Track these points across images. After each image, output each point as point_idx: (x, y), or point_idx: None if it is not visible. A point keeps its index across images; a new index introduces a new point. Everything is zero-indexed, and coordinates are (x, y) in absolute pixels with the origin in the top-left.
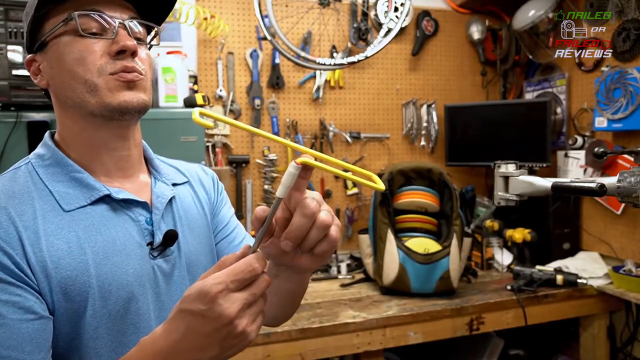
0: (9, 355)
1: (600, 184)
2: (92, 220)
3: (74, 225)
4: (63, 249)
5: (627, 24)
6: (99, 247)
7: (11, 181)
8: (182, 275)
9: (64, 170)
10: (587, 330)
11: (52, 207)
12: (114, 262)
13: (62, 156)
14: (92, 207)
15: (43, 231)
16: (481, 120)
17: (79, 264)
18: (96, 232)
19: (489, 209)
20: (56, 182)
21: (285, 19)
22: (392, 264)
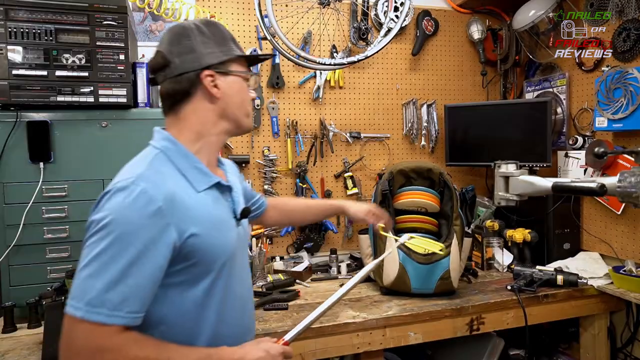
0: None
1: (600, 184)
2: (211, 199)
3: (204, 201)
4: (208, 219)
5: (627, 24)
6: (217, 219)
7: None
8: (244, 235)
9: (188, 161)
10: (587, 331)
11: (187, 187)
12: (227, 229)
13: (186, 150)
14: (209, 190)
15: (191, 205)
16: (481, 120)
17: (219, 231)
18: (214, 208)
19: (489, 209)
20: (186, 169)
21: (285, 19)
22: (392, 264)
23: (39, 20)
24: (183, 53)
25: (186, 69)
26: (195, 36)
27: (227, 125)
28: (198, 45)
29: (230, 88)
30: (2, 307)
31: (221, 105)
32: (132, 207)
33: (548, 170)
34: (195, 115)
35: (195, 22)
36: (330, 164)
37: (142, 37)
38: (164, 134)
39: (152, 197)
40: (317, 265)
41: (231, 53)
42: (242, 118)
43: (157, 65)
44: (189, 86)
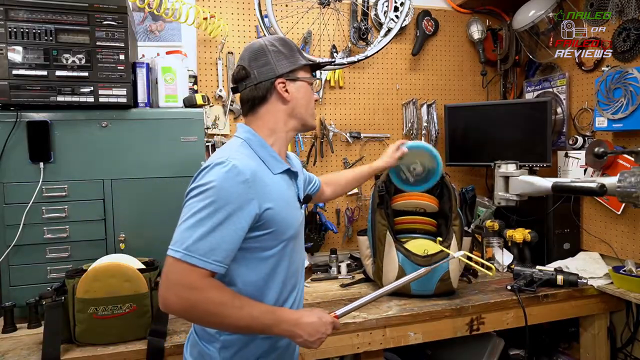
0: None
1: (600, 184)
2: (284, 182)
3: (278, 183)
4: (280, 197)
5: (627, 24)
6: (288, 199)
7: (248, 150)
8: (303, 220)
9: (265, 149)
10: (587, 330)
11: (265, 169)
12: (294, 209)
13: (264, 141)
14: (281, 174)
15: (268, 184)
16: (481, 120)
17: (288, 209)
18: (286, 190)
19: (489, 209)
20: (264, 156)
21: (285, 19)
22: (392, 266)
23: (39, 20)
24: (260, 66)
25: (263, 79)
26: (270, 52)
27: (295, 123)
28: (272, 58)
29: (298, 92)
30: (2, 307)
31: (291, 107)
32: (227, 176)
33: (548, 170)
34: (269, 114)
35: (268, 39)
36: (330, 164)
37: (142, 37)
38: (246, 128)
39: (241, 171)
40: (317, 265)
41: (298, 62)
42: (308, 117)
43: (240, 77)
44: (265, 92)
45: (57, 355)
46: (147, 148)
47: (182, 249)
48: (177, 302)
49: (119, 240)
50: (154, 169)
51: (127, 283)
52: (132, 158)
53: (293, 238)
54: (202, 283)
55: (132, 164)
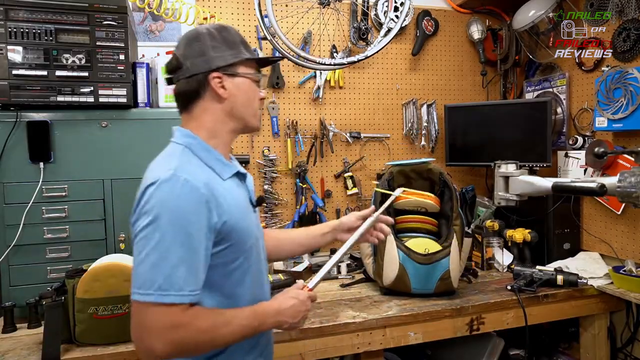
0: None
1: (600, 184)
2: (235, 186)
3: (230, 189)
4: (236, 205)
5: (627, 24)
6: (242, 205)
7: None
8: (259, 222)
9: (210, 154)
10: (587, 330)
11: (215, 177)
12: (249, 214)
13: (207, 145)
14: (231, 178)
15: (221, 193)
16: (481, 120)
17: (245, 216)
18: (238, 195)
19: (489, 209)
20: (210, 161)
21: (285, 19)
22: (392, 264)
23: (39, 20)
24: (194, 56)
25: (196, 71)
26: (206, 40)
27: (235, 124)
28: (208, 49)
29: (237, 89)
30: (2, 307)
31: (228, 105)
32: (180, 196)
33: (548, 170)
34: (206, 114)
35: (207, 27)
36: (330, 164)
37: (142, 37)
38: (184, 131)
39: (194, 185)
40: (317, 265)
41: (239, 56)
42: (250, 118)
43: (172, 67)
44: (198, 87)
45: (57, 355)
46: (147, 148)
47: (154, 290)
48: (165, 348)
49: (119, 240)
50: None
51: (127, 283)
52: (132, 158)
53: (254, 245)
54: (185, 318)
55: (132, 164)
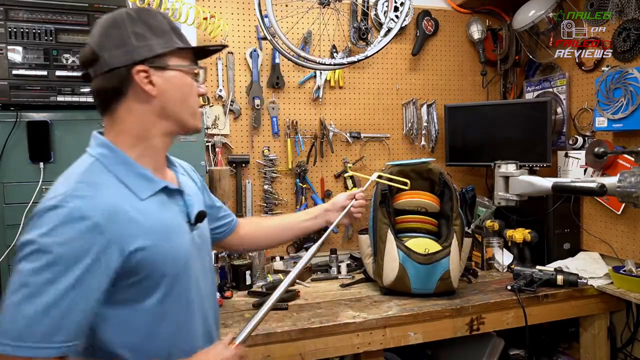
0: None
1: (600, 184)
2: (157, 206)
3: (150, 210)
4: (155, 229)
5: (627, 24)
6: (166, 227)
7: (101, 173)
8: (202, 241)
9: (129, 168)
10: (587, 330)
11: (130, 196)
12: (178, 236)
13: (126, 156)
14: (154, 196)
15: (134, 217)
16: (481, 120)
17: (170, 239)
18: (161, 215)
19: (489, 209)
20: (126, 177)
21: (285, 19)
22: (392, 264)
23: (39, 20)
24: (112, 47)
25: (116, 64)
26: (127, 27)
27: (168, 125)
28: (129, 37)
29: (168, 84)
30: None
31: (159, 104)
32: (64, 226)
33: (548, 170)
34: (131, 115)
35: (127, 11)
36: (330, 164)
37: None
38: (100, 139)
39: (84, 214)
40: (317, 265)
41: (170, 45)
42: (187, 117)
43: (86, 60)
44: (119, 83)
45: None
46: None
47: (11, 339)
48: None
49: None
50: None
51: None
52: None
53: (182, 274)
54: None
55: None
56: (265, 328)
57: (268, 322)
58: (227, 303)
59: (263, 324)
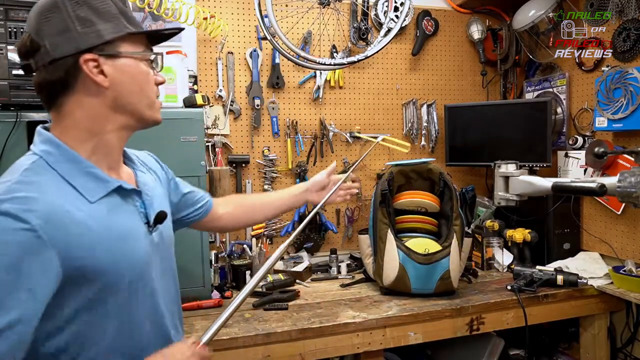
0: None
1: (600, 184)
2: (108, 209)
3: (99, 215)
4: (95, 236)
5: (627, 24)
6: (119, 232)
7: (43, 173)
8: (163, 242)
9: (77, 166)
10: (587, 330)
11: (76, 199)
12: (134, 240)
13: (74, 154)
14: (106, 197)
15: (79, 222)
16: (481, 120)
17: (121, 246)
18: (113, 219)
19: (489, 209)
20: (73, 177)
21: (285, 19)
22: (392, 264)
23: None
24: (54, 33)
25: (60, 54)
26: (68, 10)
27: (124, 119)
28: (73, 22)
29: (122, 73)
30: None
31: (111, 96)
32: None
33: (548, 170)
34: (81, 109)
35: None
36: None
37: None
38: (45, 135)
39: (18, 218)
40: (317, 265)
41: (120, 30)
42: (143, 108)
43: (25, 50)
44: (65, 75)
45: None
46: (147, 148)
47: None
48: None
49: None
50: None
51: None
52: None
53: (139, 280)
54: None
55: None
56: (265, 328)
57: (268, 322)
58: (227, 303)
59: (263, 324)
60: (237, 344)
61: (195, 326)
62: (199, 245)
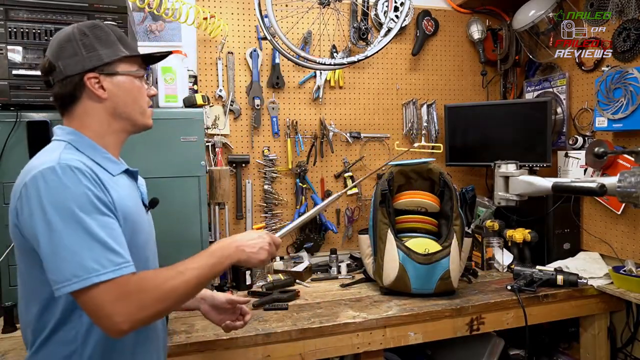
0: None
1: (600, 184)
2: (127, 184)
3: (122, 184)
4: (124, 196)
5: (627, 24)
6: (136, 202)
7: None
8: (151, 228)
9: (97, 151)
10: (587, 330)
11: (103, 172)
12: (143, 214)
13: (92, 142)
14: (120, 175)
15: (111, 184)
16: (481, 120)
17: (136, 209)
18: (130, 191)
19: (489, 209)
20: (96, 157)
21: (285, 19)
22: (392, 264)
23: (39, 20)
24: (66, 57)
25: (70, 73)
26: (77, 40)
27: (121, 124)
28: (80, 48)
29: (118, 88)
30: (2, 307)
31: (111, 106)
32: (68, 180)
33: (548, 170)
34: (88, 116)
35: (78, 26)
36: (330, 164)
37: (142, 37)
38: (67, 129)
39: (80, 168)
40: (317, 265)
41: (117, 54)
42: (137, 116)
43: (45, 70)
44: (74, 89)
45: None
46: (147, 148)
47: (91, 273)
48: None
49: None
50: (154, 169)
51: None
52: (132, 158)
53: (146, 245)
54: (131, 285)
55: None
56: (265, 328)
57: (268, 322)
58: None
59: (263, 324)
60: (237, 344)
61: (196, 326)
62: (198, 245)
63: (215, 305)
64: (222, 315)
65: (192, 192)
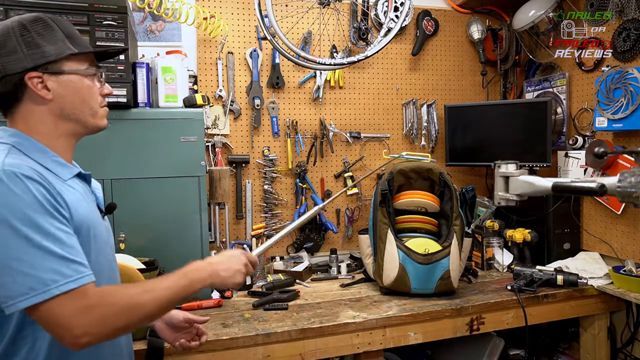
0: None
1: (600, 184)
2: (79, 189)
3: (74, 190)
4: (75, 201)
5: (627, 24)
6: (88, 208)
7: (20, 156)
8: (109, 235)
9: (46, 154)
10: (587, 331)
11: (53, 177)
12: (98, 219)
13: (40, 145)
14: (72, 179)
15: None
16: (481, 120)
17: (91, 214)
18: (83, 198)
19: (489, 209)
20: (45, 162)
21: (285, 19)
22: (392, 264)
23: None
24: (4, 55)
25: (9, 72)
26: (17, 36)
27: (70, 126)
28: (20, 45)
29: (65, 88)
30: None
31: (57, 107)
32: (15, 187)
33: (548, 170)
34: (32, 118)
35: (19, 20)
36: (330, 164)
37: (142, 37)
38: (11, 131)
39: (27, 174)
40: (317, 265)
41: (63, 51)
42: (87, 118)
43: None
44: (14, 89)
45: None
46: (147, 148)
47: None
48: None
49: (119, 240)
50: (154, 169)
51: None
52: (132, 158)
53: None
54: (94, 297)
55: (132, 164)
56: (265, 328)
57: (268, 322)
58: (227, 303)
59: (263, 324)
60: (237, 344)
61: None
62: (198, 246)
63: (171, 324)
64: (177, 333)
65: (192, 192)
